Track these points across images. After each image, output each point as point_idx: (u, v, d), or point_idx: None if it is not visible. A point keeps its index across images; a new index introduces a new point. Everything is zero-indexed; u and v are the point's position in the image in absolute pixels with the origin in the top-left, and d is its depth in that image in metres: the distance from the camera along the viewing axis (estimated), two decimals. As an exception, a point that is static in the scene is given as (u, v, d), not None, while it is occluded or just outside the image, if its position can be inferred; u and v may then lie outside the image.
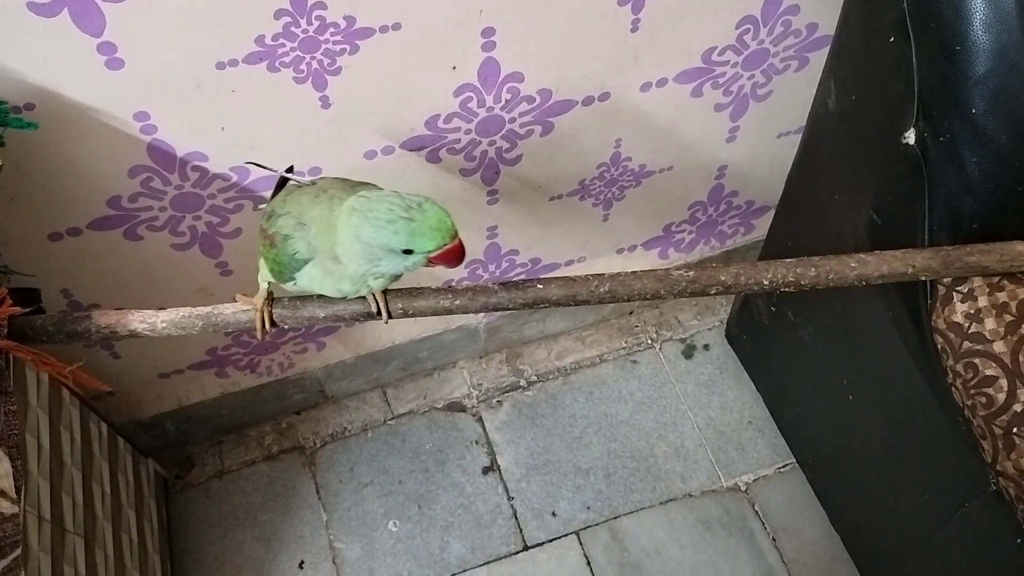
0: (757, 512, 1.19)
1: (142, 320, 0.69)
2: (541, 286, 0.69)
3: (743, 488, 1.21)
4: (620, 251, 1.23)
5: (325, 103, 0.85)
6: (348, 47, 0.80)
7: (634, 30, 0.90)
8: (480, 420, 1.26)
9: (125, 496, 1.03)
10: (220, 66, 0.78)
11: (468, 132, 0.94)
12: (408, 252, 0.60)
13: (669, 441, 1.24)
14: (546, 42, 0.87)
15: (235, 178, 0.89)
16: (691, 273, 0.69)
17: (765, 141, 1.12)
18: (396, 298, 0.68)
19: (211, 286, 1.01)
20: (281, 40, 0.78)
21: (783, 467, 1.21)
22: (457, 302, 0.68)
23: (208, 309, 0.69)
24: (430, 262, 0.61)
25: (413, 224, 0.58)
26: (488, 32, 0.84)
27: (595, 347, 1.32)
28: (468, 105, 0.90)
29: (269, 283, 0.69)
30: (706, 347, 1.31)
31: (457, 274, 1.15)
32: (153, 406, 1.16)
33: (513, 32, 0.85)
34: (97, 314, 0.69)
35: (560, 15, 0.85)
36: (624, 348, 1.32)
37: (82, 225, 0.88)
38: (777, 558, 1.15)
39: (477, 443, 1.24)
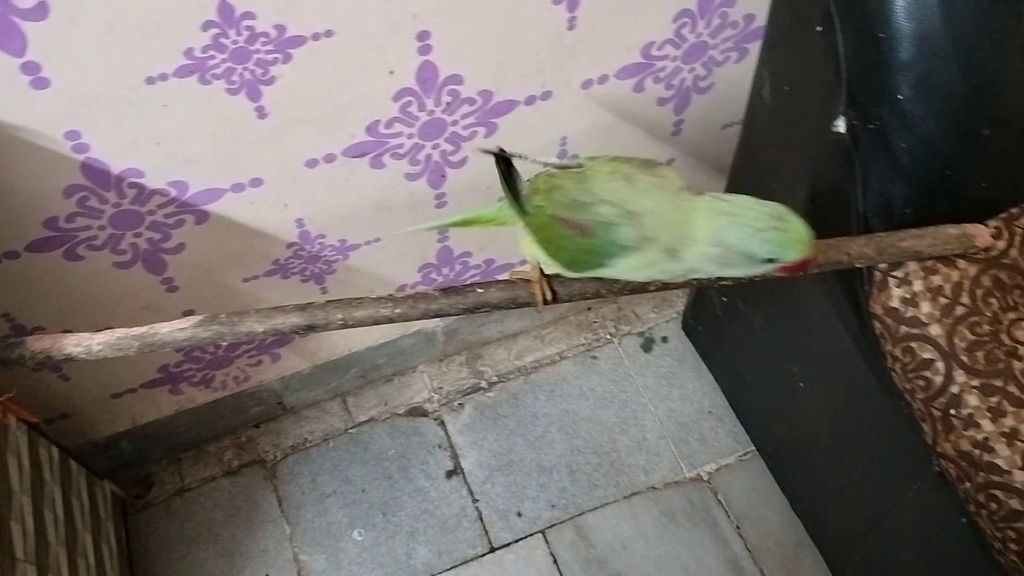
0: (720, 501, 1.19)
1: (77, 343, 0.67)
2: (482, 290, 0.68)
3: (705, 478, 1.21)
4: (574, 248, 1.23)
5: (261, 113, 0.84)
6: (281, 56, 0.79)
7: (571, 28, 0.90)
8: (442, 424, 1.26)
9: (80, 520, 1.01)
10: (150, 81, 0.77)
11: (411, 136, 0.93)
12: (769, 261, 0.59)
13: (631, 435, 1.25)
14: (483, 43, 0.87)
15: (174, 193, 0.88)
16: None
17: (710, 133, 1.12)
18: (336, 309, 0.68)
19: (157, 303, 0.99)
20: (211, 52, 0.77)
21: (744, 455, 1.22)
22: (398, 310, 0.68)
23: (143, 329, 0.68)
24: (782, 270, 0.60)
25: (784, 235, 0.57)
26: (423, 36, 0.83)
27: (555, 345, 1.32)
28: (408, 109, 0.90)
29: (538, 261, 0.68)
30: (664, 339, 1.32)
31: (411, 278, 1.15)
32: (107, 427, 1.14)
33: (448, 34, 0.84)
34: (31, 340, 0.67)
35: (495, 16, 0.85)
36: (583, 344, 1.32)
37: (20, 248, 0.86)
38: (741, 546, 1.16)
39: (440, 447, 1.24)
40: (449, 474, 1.22)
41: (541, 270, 0.69)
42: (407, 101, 0.89)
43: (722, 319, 1.12)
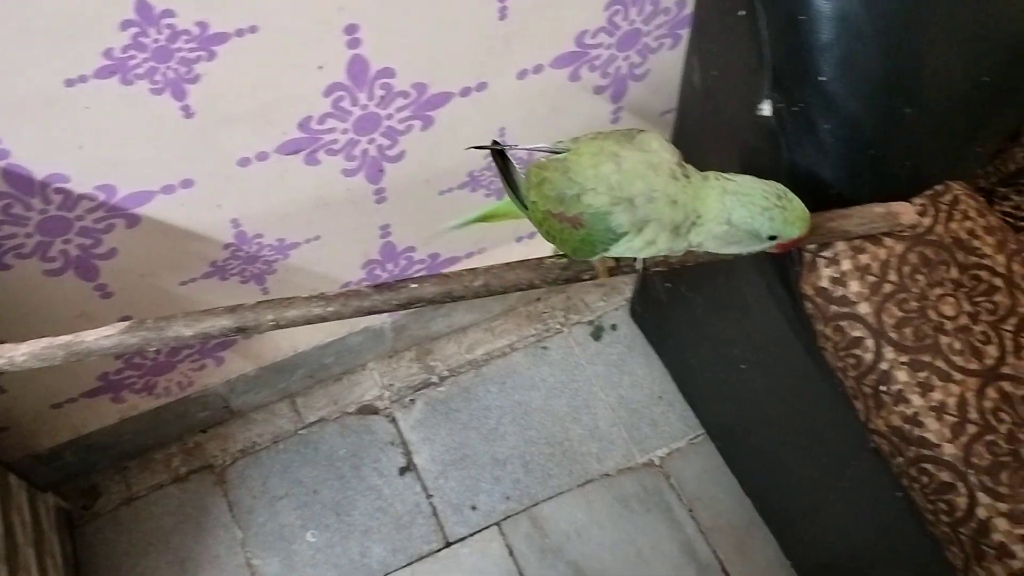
0: (673, 485, 1.20)
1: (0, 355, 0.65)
2: (415, 285, 0.68)
3: (658, 463, 1.22)
4: (520, 239, 1.23)
5: (187, 112, 0.82)
6: (204, 54, 0.78)
7: (502, 18, 0.89)
8: (394, 421, 1.25)
9: (22, 535, 0.99)
10: (70, 83, 0.75)
11: (345, 132, 0.92)
12: (772, 238, 0.60)
13: (583, 423, 1.25)
14: (413, 35, 0.86)
15: (102, 197, 0.86)
16: (564, 259, 0.68)
17: (649, 120, 1.12)
18: (267, 310, 0.67)
19: (92, 311, 0.97)
20: (131, 52, 0.75)
21: (695, 438, 1.23)
22: (330, 308, 0.67)
23: (69, 338, 0.66)
24: (777, 247, 0.62)
25: (786, 212, 0.60)
26: (351, 29, 0.82)
27: (505, 337, 1.32)
28: (341, 104, 0.89)
29: None
30: (614, 327, 1.32)
31: (355, 275, 1.14)
32: (49, 438, 1.11)
33: (377, 27, 0.83)
34: (-50, 353, 0.65)
35: (424, 7, 0.84)
36: (534, 335, 1.32)
37: (-58, 259, 0.84)
38: (695, 528, 1.17)
39: (392, 444, 1.23)
40: (402, 471, 1.21)
41: None
42: (339, 96, 0.88)
43: (667, 305, 1.13)
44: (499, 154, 0.70)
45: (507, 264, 0.69)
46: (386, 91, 0.90)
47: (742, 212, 0.59)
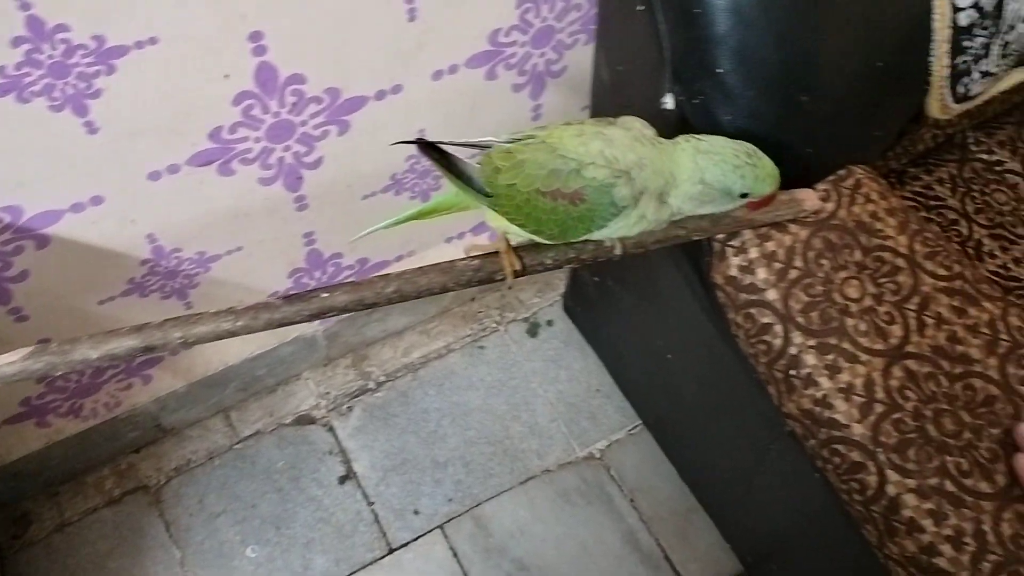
0: (613, 477, 1.21)
1: None
2: (326, 295, 0.67)
3: (598, 455, 1.23)
4: (449, 240, 1.22)
5: (91, 128, 0.80)
6: (104, 68, 0.76)
7: (412, 19, 0.88)
8: (331, 429, 1.23)
9: (-55, 570, 0.96)
10: (-39, 103, 0.72)
11: (258, 140, 0.90)
12: (743, 196, 0.62)
13: (523, 421, 1.25)
14: (321, 40, 0.85)
15: (8, 219, 0.83)
16: (476, 262, 0.68)
17: (571, 115, 1.13)
18: (173, 328, 0.65)
19: (7, 335, 0.94)
20: (26, 69, 0.73)
21: (632, 429, 1.24)
22: (240, 323, 0.66)
23: (-33, 366, 0.64)
24: (748, 206, 0.64)
25: (756, 170, 0.62)
26: (256, 36, 0.81)
27: (441, 338, 1.31)
28: (251, 113, 0.87)
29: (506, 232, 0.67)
30: (549, 323, 1.33)
31: (282, 285, 1.12)
32: (-28, 468, 1.08)
33: (283, 33, 0.82)
34: None
35: (329, 12, 0.83)
36: (470, 335, 1.32)
37: None
38: (636, 518, 1.18)
39: (331, 453, 1.22)
40: (342, 479, 1.20)
41: (507, 241, 0.68)
42: (249, 104, 0.86)
43: (597, 299, 1.14)
44: (433, 149, 0.69)
45: (419, 268, 0.68)
46: (298, 97, 0.89)
47: (715, 171, 0.61)
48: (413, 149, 1.04)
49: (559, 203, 0.62)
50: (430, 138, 1.03)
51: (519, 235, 0.67)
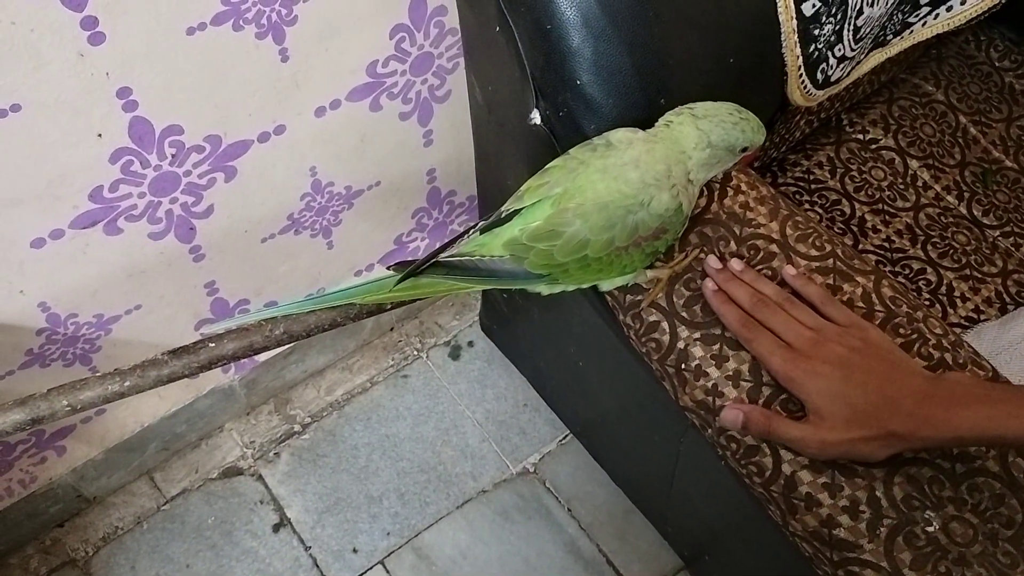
0: (549, 489, 1.22)
1: None
2: (213, 344, 0.67)
3: (532, 469, 1.23)
4: (358, 272, 1.22)
5: (-39, 202, 0.78)
6: (-34, 140, 0.74)
7: (284, 60, 0.88)
8: (260, 478, 1.22)
9: None
10: None
11: (142, 195, 0.89)
12: (743, 150, 0.65)
13: (454, 444, 1.25)
14: (192, 89, 0.84)
15: None
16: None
17: (463, 137, 1.14)
18: (59, 395, 0.64)
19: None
20: None
21: (563, 439, 1.25)
22: (128, 383, 0.65)
23: None
24: (743, 160, 0.67)
25: (750, 123, 0.65)
26: (124, 92, 0.80)
27: (363, 372, 1.31)
28: (131, 169, 0.86)
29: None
30: (470, 344, 1.33)
31: (191, 337, 1.10)
32: None
33: (152, 87, 0.81)
34: None
35: (195, 61, 0.82)
36: (392, 365, 1.31)
37: None
38: (576, 527, 1.19)
39: (262, 502, 1.20)
40: (276, 527, 1.18)
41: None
42: (127, 161, 0.85)
43: (510, 315, 1.14)
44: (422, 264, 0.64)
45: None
46: (177, 148, 0.88)
47: (718, 131, 0.63)
48: (306, 186, 1.03)
49: (643, 246, 0.64)
50: (322, 175, 1.04)
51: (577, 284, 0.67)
